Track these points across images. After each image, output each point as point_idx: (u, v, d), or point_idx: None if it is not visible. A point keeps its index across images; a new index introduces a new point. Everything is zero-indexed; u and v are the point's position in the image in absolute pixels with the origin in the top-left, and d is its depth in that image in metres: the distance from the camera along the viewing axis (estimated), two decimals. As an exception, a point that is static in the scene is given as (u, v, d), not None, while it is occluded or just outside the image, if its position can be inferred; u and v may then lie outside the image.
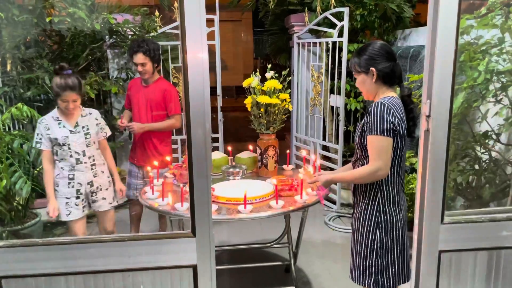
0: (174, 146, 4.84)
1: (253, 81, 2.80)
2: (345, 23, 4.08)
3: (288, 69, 2.84)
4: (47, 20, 3.86)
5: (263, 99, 2.72)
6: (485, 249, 1.68)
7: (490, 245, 1.67)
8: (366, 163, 1.88)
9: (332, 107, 4.55)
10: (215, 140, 4.90)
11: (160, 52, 3.26)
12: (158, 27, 4.56)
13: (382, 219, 1.91)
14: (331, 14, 4.28)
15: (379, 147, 1.82)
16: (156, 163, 2.83)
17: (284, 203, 2.33)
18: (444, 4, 1.45)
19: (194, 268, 1.53)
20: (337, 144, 4.39)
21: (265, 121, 2.79)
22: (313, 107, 4.79)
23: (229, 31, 14.65)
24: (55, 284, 1.50)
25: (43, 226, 3.87)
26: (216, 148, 4.85)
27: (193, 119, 1.43)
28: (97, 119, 2.80)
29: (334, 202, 4.51)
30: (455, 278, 1.69)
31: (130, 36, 4.43)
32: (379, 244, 1.92)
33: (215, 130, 4.85)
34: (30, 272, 1.49)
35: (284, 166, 3.09)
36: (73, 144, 2.66)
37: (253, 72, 2.85)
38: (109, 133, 2.91)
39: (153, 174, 2.68)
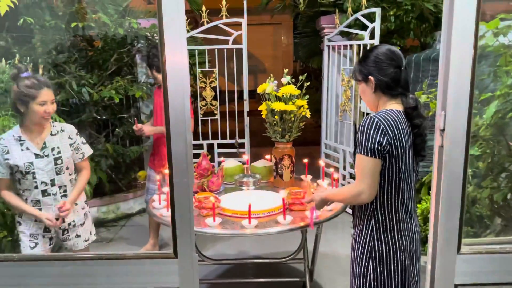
0: (200, 151, 4.79)
1: (268, 86, 2.66)
2: (377, 24, 3.86)
3: (305, 74, 2.67)
4: (73, 25, 3.90)
5: (278, 106, 2.57)
6: (509, 284, 1.44)
7: (517, 280, 1.44)
8: None
9: (363, 113, 4.32)
10: (242, 145, 4.80)
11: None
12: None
13: (376, 248, 1.71)
14: (363, 15, 4.06)
15: (362, 168, 1.63)
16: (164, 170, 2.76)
17: (293, 219, 2.17)
18: (459, 3, 1.25)
19: (176, 291, 1.41)
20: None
21: (280, 129, 2.65)
22: (343, 112, 4.57)
23: (269, 34, 14.60)
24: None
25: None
26: (242, 154, 4.75)
27: (173, 130, 1.31)
28: (71, 138, 2.24)
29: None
30: (474, 316, 1.47)
31: (157, 41, 4.42)
32: (372, 276, 1.72)
33: (241, 135, 4.75)
34: (8, 288, 1.43)
35: (302, 176, 2.92)
36: (39, 172, 2.13)
37: (269, 78, 2.71)
38: (87, 153, 2.34)
39: (162, 182, 2.62)
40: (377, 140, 1.59)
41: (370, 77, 1.70)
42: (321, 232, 2.74)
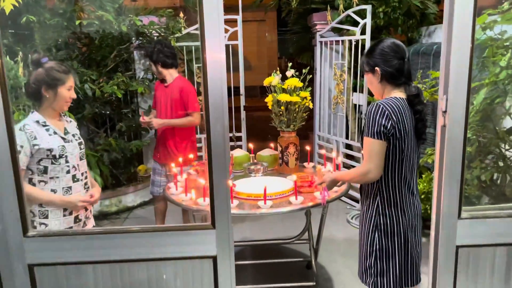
0: (198, 145, 4.96)
1: (274, 79, 2.84)
2: (368, 20, 4.07)
3: (308, 68, 2.87)
4: (77, 23, 4.01)
5: (284, 97, 2.76)
6: (504, 244, 1.67)
7: (509, 241, 1.66)
8: None
9: (355, 105, 4.55)
10: (238, 138, 4.97)
11: (169, 54, 3.37)
12: (182, 28, 4.67)
13: (381, 221, 1.92)
14: (354, 12, 4.27)
15: (370, 150, 1.83)
16: (179, 160, 2.91)
17: (304, 199, 2.37)
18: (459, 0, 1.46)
19: (214, 258, 1.59)
20: (360, 142, 4.38)
21: (286, 119, 2.84)
22: (335, 105, 4.79)
23: (254, 31, 14.71)
24: (84, 272, 1.59)
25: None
26: (239, 146, 4.93)
27: (212, 115, 1.48)
28: (77, 128, 2.25)
29: (356, 201, 4.50)
30: (473, 273, 1.69)
31: (155, 38, 4.55)
32: (378, 246, 1.93)
33: (238, 128, 4.92)
34: (60, 261, 1.58)
35: (305, 164, 3.12)
36: (69, 156, 2.07)
37: (274, 71, 2.89)
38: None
39: (177, 170, 2.77)
40: (383, 124, 1.79)
41: (376, 68, 1.89)
42: (327, 212, 2.94)
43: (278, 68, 2.92)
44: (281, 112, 2.84)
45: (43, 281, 1.59)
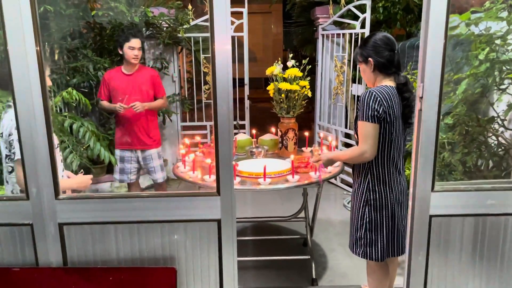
0: (203, 132, 5.21)
1: (276, 69, 3.07)
2: (367, 15, 4.28)
3: (307, 58, 3.09)
4: (92, 14, 4.24)
5: (284, 86, 2.99)
6: (472, 215, 1.90)
7: (477, 212, 1.90)
8: None
9: (354, 95, 4.77)
10: (242, 126, 5.22)
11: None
12: (190, 20, 4.89)
13: (371, 197, 2.15)
14: (354, 7, 4.48)
15: (365, 132, 2.04)
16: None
17: (300, 178, 2.61)
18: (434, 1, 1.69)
19: (219, 221, 1.84)
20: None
21: (286, 106, 3.07)
22: (335, 96, 5.01)
23: (259, 23, 14.84)
24: (107, 231, 1.84)
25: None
26: (243, 134, 5.16)
27: (219, 96, 1.73)
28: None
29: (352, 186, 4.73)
30: (444, 240, 1.93)
31: (165, 28, 4.78)
32: (367, 219, 2.17)
33: (242, 117, 5.17)
34: (87, 220, 1.83)
35: (303, 148, 3.36)
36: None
37: (276, 61, 3.12)
38: None
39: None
40: (376, 108, 2.01)
41: (369, 58, 2.11)
42: (321, 191, 3.19)
43: (279, 58, 3.15)
44: (281, 100, 3.07)
45: (71, 238, 1.84)
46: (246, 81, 5.12)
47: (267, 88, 3.17)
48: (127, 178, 3.69)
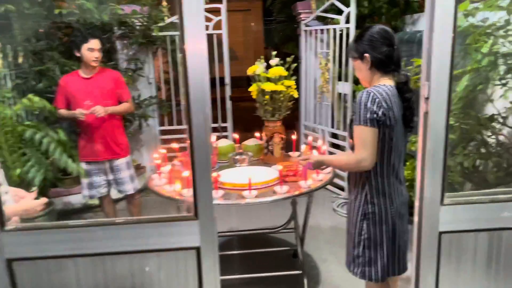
0: (184, 136, 4.92)
1: (258, 68, 2.81)
2: (352, 9, 4.06)
3: (292, 56, 2.85)
4: (56, 11, 3.91)
5: (268, 86, 2.73)
6: (485, 230, 1.68)
7: (491, 226, 1.68)
8: None
9: (340, 94, 4.55)
10: (224, 129, 4.95)
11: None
12: (165, 17, 4.59)
13: (370, 210, 1.91)
14: (338, 0, 4.25)
15: (363, 138, 1.80)
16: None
17: (289, 188, 2.36)
18: (441, -15, 1.45)
19: (198, 250, 1.57)
20: (345, 131, 4.39)
21: (271, 108, 2.82)
22: (321, 94, 4.79)
23: (239, 21, 14.59)
24: (64, 266, 1.56)
25: (56, 215, 3.98)
26: (225, 137, 4.90)
27: (193, 105, 1.46)
28: None
29: (342, 189, 4.53)
30: (456, 259, 1.71)
31: (137, 27, 4.47)
32: (366, 235, 1.93)
33: (224, 119, 4.90)
34: (40, 255, 1.55)
35: (290, 153, 3.11)
36: None
37: (258, 60, 2.87)
38: None
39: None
40: (374, 110, 1.76)
41: (365, 54, 1.86)
42: (312, 201, 2.95)
43: (261, 57, 2.89)
44: (265, 102, 2.82)
45: (22, 276, 1.55)
46: (228, 80, 4.85)
47: (249, 90, 2.91)
48: (96, 192, 3.39)
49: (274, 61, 2.82)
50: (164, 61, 5.27)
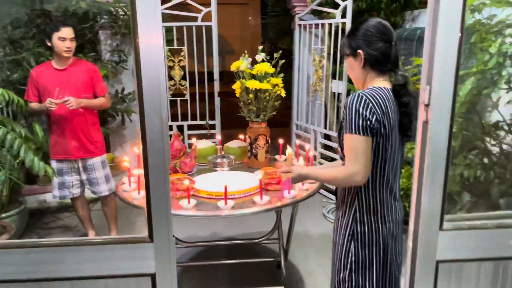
0: (169, 133, 4.66)
1: (242, 63, 2.57)
2: (349, 3, 3.82)
3: (280, 52, 2.60)
4: (30, -2, 3.64)
5: (252, 84, 2.49)
6: (490, 259, 1.46)
7: (497, 255, 1.45)
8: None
9: (334, 93, 4.31)
10: (212, 127, 4.70)
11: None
12: (151, 7, 4.32)
13: (358, 230, 1.68)
14: (335, -6, 4.00)
15: (354, 148, 1.56)
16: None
17: (270, 199, 2.12)
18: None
19: (153, 277, 1.34)
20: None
21: (255, 108, 2.57)
22: (314, 93, 4.54)
23: (236, 14, 14.35)
24: (-6, 293, 1.32)
25: (28, 215, 3.73)
26: (213, 135, 4.66)
27: (147, 107, 1.22)
28: None
29: (334, 193, 4.30)
30: (455, 291, 1.48)
31: (121, 16, 4.20)
32: (353, 258, 1.69)
33: (212, 116, 4.65)
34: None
35: (277, 157, 2.88)
36: None
37: (243, 55, 2.62)
38: None
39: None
40: (367, 117, 1.53)
41: (359, 50, 1.63)
42: (297, 212, 2.72)
43: (246, 51, 2.64)
44: (249, 101, 2.58)
45: None
46: (216, 76, 4.58)
47: (233, 87, 2.67)
48: (68, 193, 3.16)
49: (259, 56, 2.57)
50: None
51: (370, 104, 1.54)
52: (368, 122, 1.53)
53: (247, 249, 3.30)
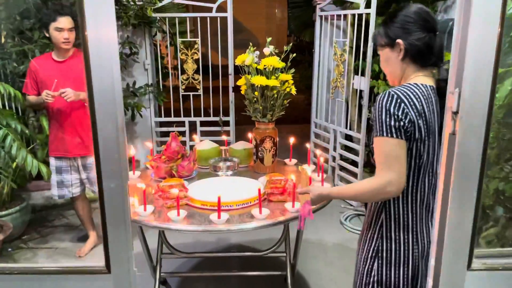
0: (181, 129, 4.47)
1: (248, 57, 2.31)
2: (374, -9, 3.49)
3: (290, 44, 2.33)
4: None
5: (258, 81, 2.23)
6: (531, 307, 1.16)
7: (540, 302, 1.16)
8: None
9: (356, 90, 3.99)
10: (226, 123, 4.47)
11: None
12: (162, -3, 4.12)
13: (384, 247, 1.45)
14: (358, -18, 3.68)
15: (386, 153, 1.34)
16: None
17: (271, 212, 1.87)
18: None
19: (112, 313, 1.12)
20: (360, 133, 3.84)
21: (261, 107, 2.32)
22: (334, 89, 4.24)
23: (262, 7, 14.09)
24: None
25: (31, 211, 3.61)
26: (227, 132, 4.43)
27: (99, 112, 0.99)
28: None
29: (353, 198, 3.99)
30: None
31: (131, 6, 4.01)
32: (376, 278, 1.47)
33: (226, 113, 4.42)
34: None
35: (286, 160, 2.62)
36: None
37: (249, 48, 2.36)
38: None
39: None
40: (399, 117, 1.32)
41: (398, 40, 1.41)
42: (306, 226, 2.45)
43: (250, 44, 2.38)
44: (255, 99, 2.32)
45: None
46: (231, 70, 4.34)
47: (237, 83, 2.42)
48: (68, 192, 3.00)
49: (267, 49, 2.30)
50: (164, 46, 4.82)
51: (403, 104, 1.33)
52: (401, 123, 1.32)
53: (251, 259, 3.05)
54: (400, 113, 1.31)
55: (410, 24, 1.39)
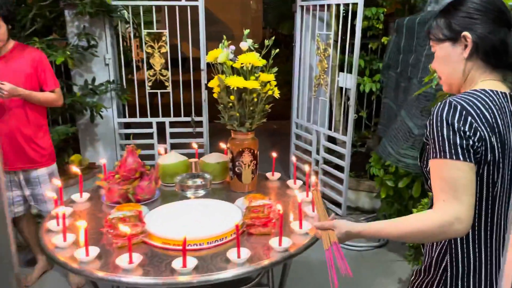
0: (149, 131, 4.02)
1: (222, 53, 1.89)
2: (362, -21, 3.12)
3: (272, 38, 1.93)
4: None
5: (234, 82, 1.82)
6: None
7: None
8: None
9: (341, 88, 3.63)
10: (199, 124, 4.03)
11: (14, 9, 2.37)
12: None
13: None
14: (344, -32, 3.30)
15: (452, 181, 1.00)
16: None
17: (252, 253, 1.46)
18: None
19: None
20: (346, 135, 3.49)
21: (238, 114, 1.90)
22: (317, 87, 3.86)
23: (237, -2, 13.66)
24: None
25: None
26: (200, 133, 4.00)
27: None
28: None
29: (339, 205, 3.65)
30: None
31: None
32: None
33: (198, 112, 3.98)
34: None
35: (268, 174, 2.22)
36: None
37: (222, 42, 1.94)
38: None
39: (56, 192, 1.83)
40: (466, 133, 1.00)
41: (465, 33, 1.08)
42: (291, 263, 2.07)
43: (224, 36, 1.96)
44: (231, 104, 1.90)
45: None
46: (203, 65, 3.90)
47: (209, 85, 1.99)
48: (10, 211, 2.51)
49: (244, 44, 1.89)
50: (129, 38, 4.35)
51: (470, 117, 1.01)
52: (470, 142, 1.00)
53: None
54: (467, 129, 1.00)
55: (481, 13, 1.07)
